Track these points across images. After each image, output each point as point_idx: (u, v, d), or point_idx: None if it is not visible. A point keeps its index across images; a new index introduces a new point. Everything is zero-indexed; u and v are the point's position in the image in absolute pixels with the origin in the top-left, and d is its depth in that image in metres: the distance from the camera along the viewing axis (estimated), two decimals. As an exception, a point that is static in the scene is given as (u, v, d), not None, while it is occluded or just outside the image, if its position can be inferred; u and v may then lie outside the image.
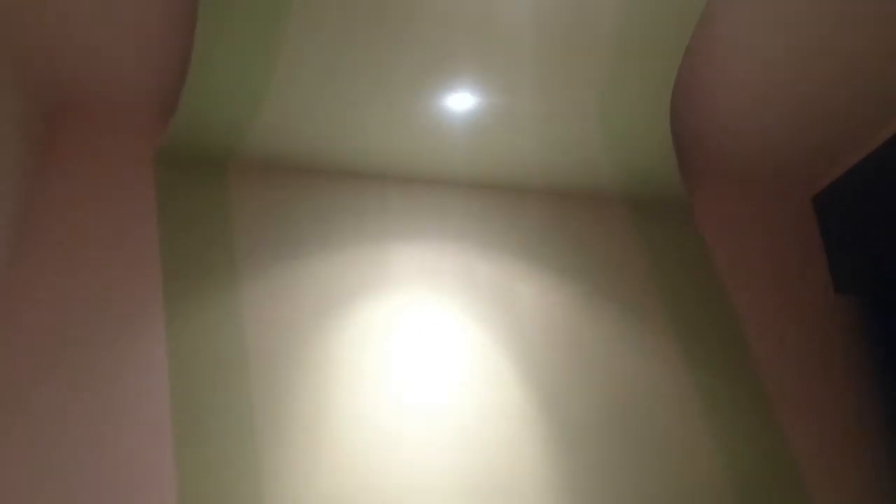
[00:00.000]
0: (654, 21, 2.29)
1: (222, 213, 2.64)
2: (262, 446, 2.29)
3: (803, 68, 2.60)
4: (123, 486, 2.14)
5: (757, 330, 2.91)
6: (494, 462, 2.42)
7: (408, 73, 2.42)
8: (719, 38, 2.47)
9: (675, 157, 2.83)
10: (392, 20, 2.22)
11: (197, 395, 2.32)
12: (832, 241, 3.11)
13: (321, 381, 2.43)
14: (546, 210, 2.97)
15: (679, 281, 2.94)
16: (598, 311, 2.79)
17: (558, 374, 2.63)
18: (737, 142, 3.04)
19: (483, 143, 2.73)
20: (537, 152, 2.79)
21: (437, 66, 2.40)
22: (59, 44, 2.41)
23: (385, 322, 2.59)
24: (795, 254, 3.14)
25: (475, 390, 2.53)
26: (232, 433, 2.29)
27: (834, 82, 2.66)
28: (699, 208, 3.14)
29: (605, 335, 2.74)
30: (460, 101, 2.54)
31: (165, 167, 2.67)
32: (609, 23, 2.28)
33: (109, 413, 2.23)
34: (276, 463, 2.27)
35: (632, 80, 2.50)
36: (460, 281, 2.73)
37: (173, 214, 2.59)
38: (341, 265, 2.65)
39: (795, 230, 3.20)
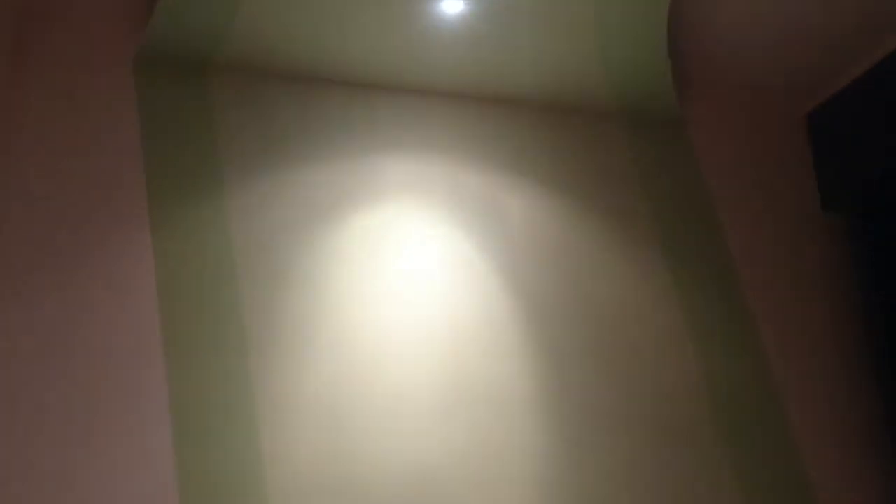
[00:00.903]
0: None
1: (205, 119, 2.57)
2: (251, 352, 2.32)
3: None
4: (113, 394, 2.17)
5: (743, 247, 2.93)
6: (479, 373, 2.47)
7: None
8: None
9: (670, 69, 2.77)
10: None
11: (185, 307, 2.32)
12: (823, 158, 3.10)
13: (308, 291, 2.44)
14: (537, 122, 2.91)
15: (670, 197, 2.93)
16: (587, 225, 2.79)
17: (545, 288, 2.65)
18: (734, 56, 2.97)
19: (474, 51, 2.65)
20: (530, 62, 2.71)
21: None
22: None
23: (372, 233, 2.58)
24: (786, 170, 3.13)
25: (461, 303, 2.55)
26: (220, 344, 2.31)
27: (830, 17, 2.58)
28: (693, 122, 3.10)
29: (594, 250, 2.76)
30: (452, 5, 2.44)
31: (144, 71, 2.57)
32: None
33: (95, 329, 2.22)
34: (265, 375, 2.30)
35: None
36: (448, 193, 2.70)
37: (154, 121, 2.52)
38: (328, 174, 2.61)
39: (788, 146, 3.18)
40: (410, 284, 2.54)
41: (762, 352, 2.77)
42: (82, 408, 2.13)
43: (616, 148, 2.96)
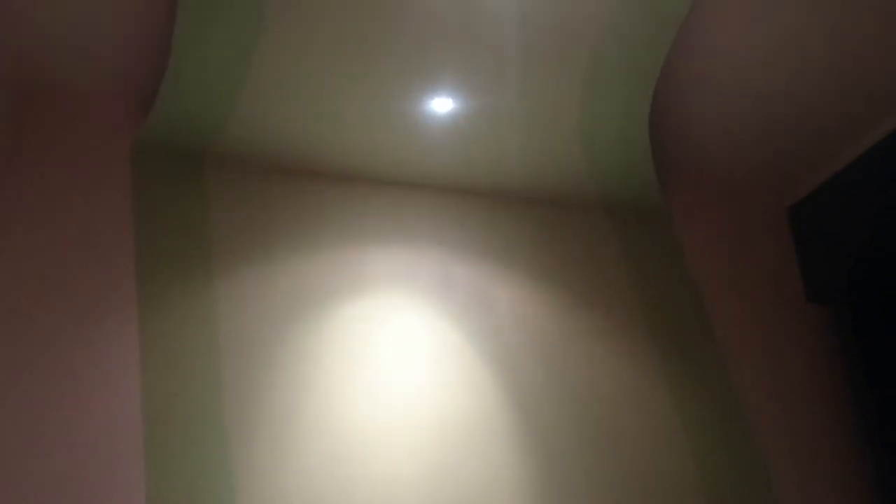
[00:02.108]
0: (634, 30, 2.30)
1: (199, 208, 2.62)
2: (234, 445, 2.28)
3: (783, 80, 2.62)
4: (90, 485, 2.12)
5: (730, 336, 2.95)
6: (467, 467, 2.43)
7: (391, 72, 2.40)
8: (698, 48, 2.48)
9: (652, 164, 2.84)
10: (377, 17, 2.20)
11: (168, 392, 2.30)
12: (806, 250, 3.15)
13: (295, 382, 2.42)
14: (525, 215, 2.98)
15: (656, 288, 2.96)
16: (575, 317, 2.81)
17: (535, 380, 2.64)
18: (716, 150, 3.06)
19: (464, 147, 2.72)
20: (517, 158, 2.79)
21: (420, 66, 2.38)
22: (33, 27, 2.36)
23: (361, 324, 2.59)
24: (770, 262, 3.18)
25: (450, 395, 2.54)
26: (203, 430, 2.28)
27: (813, 95, 2.69)
28: (677, 215, 3.16)
29: (583, 342, 2.76)
30: (442, 105, 2.53)
31: (141, 160, 2.63)
32: (590, 32, 2.28)
33: (78, 410, 2.21)
34: (247, 463, 2.26)
35: (612, 88, 2.50)
36: (438, 285, 2.73)
37: (149, 209, 2.56)
38: (318, 265, 2.64)
39: (771, 239, 3.24)
40: (399, 376, 2.53)
41: (752, 441, 2.74)
42: (56, 499, 2.08)
43: (602, 240, 3.02)
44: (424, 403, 2.51)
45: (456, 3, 2.16)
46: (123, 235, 2.50)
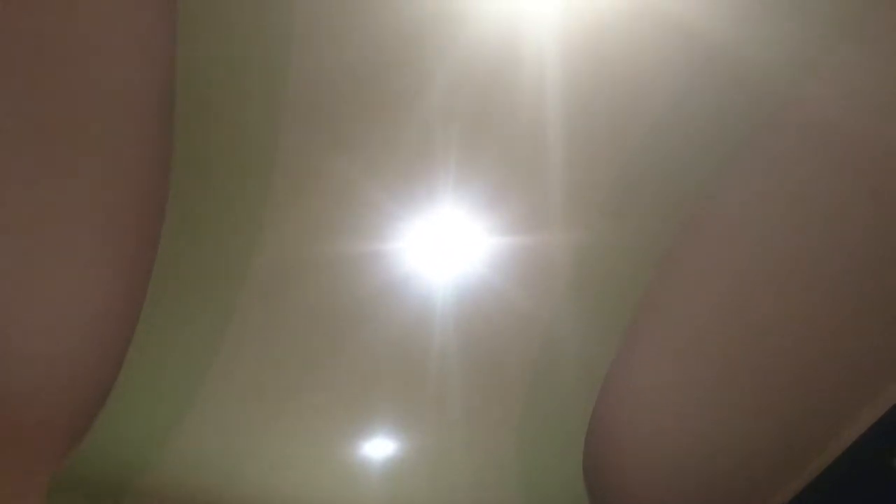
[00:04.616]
0: (566, 367, 2.36)
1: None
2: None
3: (710, 430, 2.69)
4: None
5: None
6: None
7: (332, 415, 2.40)
8: (633, 391, 2.54)
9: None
10: (319, 361, 2.22)
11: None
12: None
13: None
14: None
15: None
16: None
17: None
18: (649, 495, 3.06)
19: (401, 488, 2.67)
20: (454, 496, 2.73)
21: (362, 411, 2.40)
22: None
23: None
24: None
25: None
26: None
27: (745, 440, 2.75)
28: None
29: None
30: (381, 447, 2.52)
31: (58, 497, 2.47)
32: (523, 376, 2.34)
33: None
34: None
35: (544, 436, 2.54)
36: None
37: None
38: None
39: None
40: None
41: None
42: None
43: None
44: None
45: (392, 343, 2.20)
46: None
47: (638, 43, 1.61)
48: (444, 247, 1.95)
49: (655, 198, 1.91)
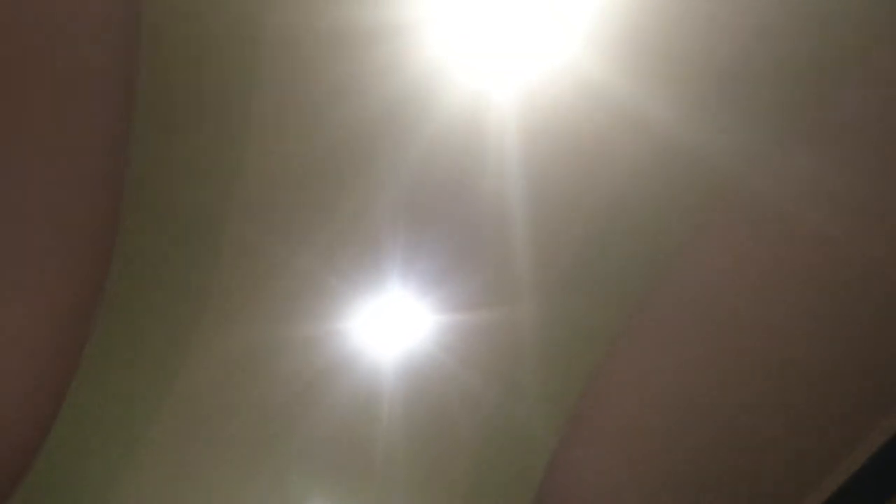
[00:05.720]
0: (512, 447, 2.32)
1: None
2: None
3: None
4: None
5: None
6: None
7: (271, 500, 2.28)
8: (581, 469, 2.51)
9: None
10: (261, 439, 2.14)
11: None
12: None
13: None
14: None
15: None
16: None
17: None
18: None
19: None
20: None
21: (301, 488, 2.29)
22: None
23: None
24: None
25: None
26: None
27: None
28: None
29: None
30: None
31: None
32: (469, 455, 2.30)
33: None
34: None
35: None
36: None
37: None
38: None
39: None
40: None
41: None
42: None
43: None
44: None
45: (339, 423, 2.13)
46: None
47: (596, 129, 1.61)
48: (390, 326, 1.92)
49: (608, 278, 1.91)
